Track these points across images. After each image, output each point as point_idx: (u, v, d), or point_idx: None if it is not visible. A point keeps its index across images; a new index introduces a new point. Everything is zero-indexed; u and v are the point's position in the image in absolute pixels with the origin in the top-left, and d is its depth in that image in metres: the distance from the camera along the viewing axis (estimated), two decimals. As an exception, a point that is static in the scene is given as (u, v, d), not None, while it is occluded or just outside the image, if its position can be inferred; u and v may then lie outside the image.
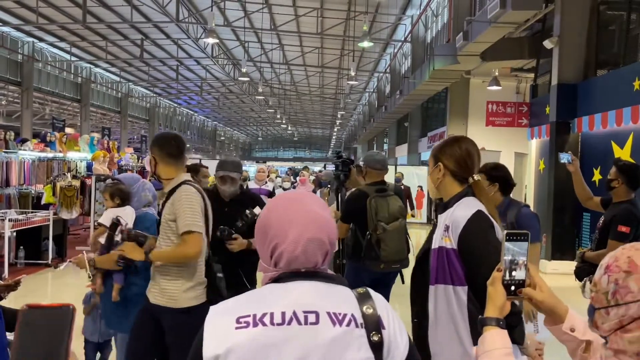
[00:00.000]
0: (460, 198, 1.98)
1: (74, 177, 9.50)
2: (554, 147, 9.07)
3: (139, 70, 26.49)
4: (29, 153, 9.74)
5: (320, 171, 28.47)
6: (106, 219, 3.25)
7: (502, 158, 11.54)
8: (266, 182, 9.60)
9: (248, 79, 22.49)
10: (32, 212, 8.64)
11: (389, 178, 11.95)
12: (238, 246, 3.39)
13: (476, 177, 1.99)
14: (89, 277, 3.27)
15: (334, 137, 55.07)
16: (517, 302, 1.46)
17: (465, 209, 1.91)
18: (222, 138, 54.80)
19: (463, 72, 13.35)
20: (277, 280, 1.13)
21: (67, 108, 27.08)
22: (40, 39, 20.53)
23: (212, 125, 49.84)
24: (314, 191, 9.45)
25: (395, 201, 3.97)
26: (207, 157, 52.23)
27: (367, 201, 3.87)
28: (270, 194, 8.07)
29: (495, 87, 12.56)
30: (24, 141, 10.05)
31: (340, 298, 1.11)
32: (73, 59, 22.50)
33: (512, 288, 1.26)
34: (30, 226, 7.86)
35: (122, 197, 3.33)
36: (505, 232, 1.26)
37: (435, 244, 1.96)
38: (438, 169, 2.04)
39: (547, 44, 9.28)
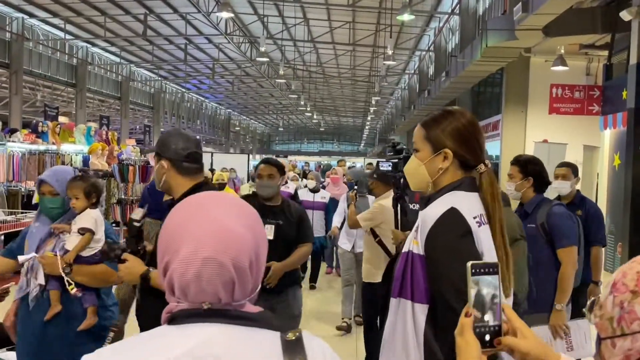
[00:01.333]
0: (449, 190, 1.82)
1: (69, 172, 9.70)
2: (632, 139, 8.87)
3: (142, 49, 26.90)
4: (19, 145, 10.00)
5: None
6: (87, 223, 2.99)
7: (569, 152, 11.34)
8: (286, 183, 9.43)
9: (267, 59, 22.59)
10: (22, 213, 8.86)
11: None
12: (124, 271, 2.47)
13: (486, 164, 1.86)
14: (70, 287, 2.94)
15: (367, 127, 54.98)
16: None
17: (439, 205, 1.76)
18: (237, 128, 55.27)
19: (522, 50, 13.15)
20: (171, 320, 0.98)
21: (61, 94, 27.69)
22: (31, 15, 21.03)
23: (225, 114, 50.32)
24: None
25: (510, 214, 3.29)
26: (220, 150, 52.85)
27: None
28: (293, 198, 8.01)
29: (560, 68, 12.35)
30: (12, 132, 10.31)
31: (258, 349, 0.96)
32: (68, 37, 22.98)
33: (487, 337, 1.11)
34: (19, 229, 8.07)
35: (98, 195, 3.08)
36: (470, 263, 1.12)
37: (405, 247, 1.83)
38: (442, 156, 1.85)
39: (625, 15, 9.07)
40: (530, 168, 3.67)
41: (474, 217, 1.75)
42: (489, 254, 1.74)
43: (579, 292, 3.88)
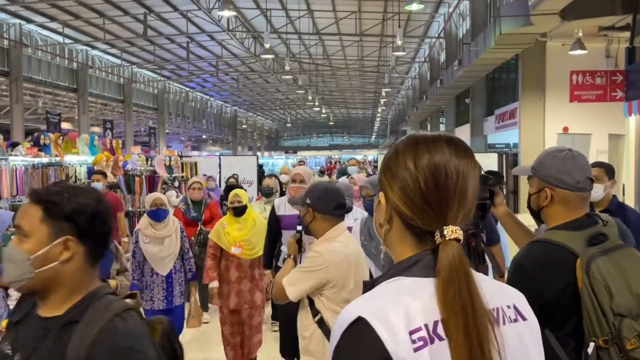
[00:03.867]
0: (394, 274, 1.20)
1: (74, 186, 9.63)
2: (660, 126, 8.66)
3: (143, 50, 26.86)
4: (21, 159, 9.95)
5: (363, 161, 27.74)
6: None
7: (593, 143, 11.12)
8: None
9: (272, 55, 22.46)
10: (27, 230, 8.78)
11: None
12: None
13: (450, 230, 1.16)
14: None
15: (377, 119, 54.75)
16: None
17: (357, 305, 1.15)
18: (244, 126, 55.22)
19: (538, 35, 12.93)
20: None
21: (63, 99, 27.74)
22: (28, 20, 21.03)
23: (231, 111, 50.28)
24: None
25: (636, 262, 2.15)
26: (228, 148, 52.87)
27: (580, 269, 2.08)
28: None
29: (579, 52, 12.12)
30: (14, 145, 10.25)
31: None
32: (67, 41, 22.98)
33: None
34: (25, 247, 7.99)
35: None
36: None
37: None
38: (381, 206, 1.27)
39: (647, -5, 8.83)
40: (612, 170, 3.72)
41: (413, 331, 1.08)
42: None
43: None
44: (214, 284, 5.28)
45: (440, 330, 1.08)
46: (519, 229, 2.73)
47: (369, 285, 1.22)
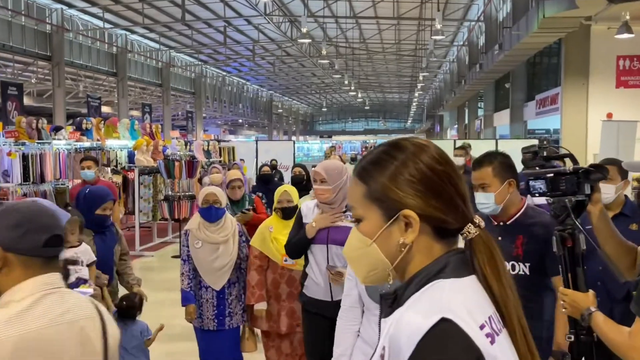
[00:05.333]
0: (426, 280, 1.11)
1: (114, 171, 9.83)
2: None
3: (181, 34, 27.08)
4: (64, 143, 10.17)
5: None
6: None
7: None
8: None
9: (309, 39, 22.39)
10: (68, 211, 9.00)
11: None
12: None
13: (476, 224, 1.15)
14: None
15: (414, 103, 54.25)
16: None
17: (417, 313, 1.05)
18: (280, 110, 55.35)
19: (582, 19, 12.59)
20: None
21: (103, 83, 28.20)
22: (70, 5, 21.38)
23: (267, 96, 50.41)
24: None
25: None
26: (263, 133, 53.14)
27: None
28: None
29: (625, 35, 11.77)
30: (57, 129, 10.48)
31: None
32: (107, 25, 23.30)
33: None
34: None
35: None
36: None
37: None
38: (402, 223, 1.14)
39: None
40: (624, 168, 3.31)
41: (482, 327, 1.05)
42: None
43: None
44: (262, 305, 4.09)
45: (494, 324, 1.09)
46: (613, 234, 2.49)
47: (389, 297, 1.14)
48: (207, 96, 36.25)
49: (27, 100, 24.17)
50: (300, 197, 5.06)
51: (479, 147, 12.34)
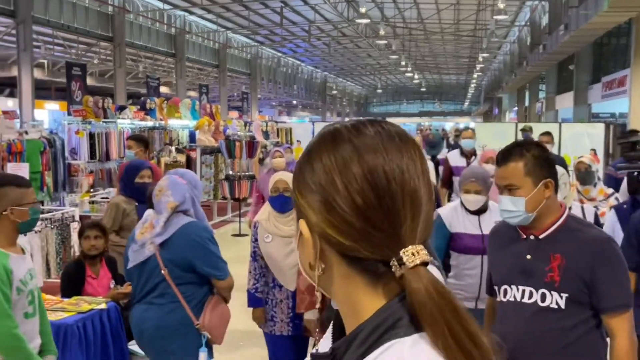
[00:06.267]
0: (375, 340, 0.80)
1: (178, 150, 10.08)
2: None
3: (238, 15, 27.30)
4: (129, 122, 10.49)
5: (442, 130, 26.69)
6: None
7: None
8: None
9: (367, 19, 22.20)
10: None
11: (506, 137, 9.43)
12: None
13: (410, 253, 0.81)
14: None
15: (472, 85, 53.23)
16: None
17: None
18: (334, 92, 55.29)
19: (656, -4, 12.08)
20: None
21: (162, 64, 28.77)
22: (131, -13, 21.85)
23: (321, 77, 50.41)
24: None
25: None
26: (316, 114, 53.26)
27: None
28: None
29: None
30: (122, 109, 10.81)
31: None
32: (166, 7, 23.70)
33: None
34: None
35: None
36: None
37: None
38: (304, 238, 0.87)
39: None
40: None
41: None
42: None
43: None
44: (312, 315, 3.49)
45: None
46: None
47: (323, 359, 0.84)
48: (262, 77, 36.53)
49: (89, 81, 24.92)
50: None
51: (541, 131, 12.03)
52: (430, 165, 6.10)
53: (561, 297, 2.14)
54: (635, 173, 3.05)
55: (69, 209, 6.71)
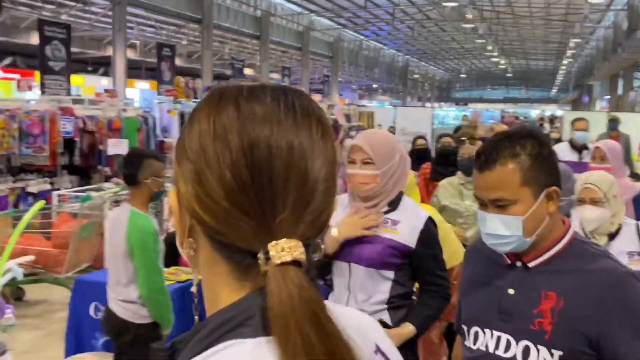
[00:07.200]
0: (216, 338, 0.70)
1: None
2: None
3: (323, -3, 27.46)
4: (217, 103, 10.89)
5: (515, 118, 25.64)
6: None
7: None
8: None
9: (455, 2, 21.81)
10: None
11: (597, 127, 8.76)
12: None
13: (279, 248, 0.68)
14: None
15: (561, 71, 51.21)
16: None
17: None
18: (416, 76, 54.64)
19: None
20: None
21: (246, 46, 29.39)
22: (219, -31, 22.40)
23: (403, 61, 49.93)
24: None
25: None
26: (396, 98, 52.85)
27: None
28: None
29: None
30: (209, 89, 11.24)
31: None
32: (253, -12, 24.16)
33: None
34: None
35: None
36: None
37: None
38: (173, 210, 0.79)
39: None
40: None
41: None
42: None
43: None
44: None
45: None
46: None
47: (161, 352, 0.75)
48: (343, 60, 36.60)
49: (177, 61, 25.84)
50: (446, 176, 4.56)
51: (635, 122, 11.55)
52: None
53: (552, 356, 1.49)
54: None
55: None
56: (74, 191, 7.08)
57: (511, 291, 1.58)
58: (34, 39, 17.79)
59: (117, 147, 7.04)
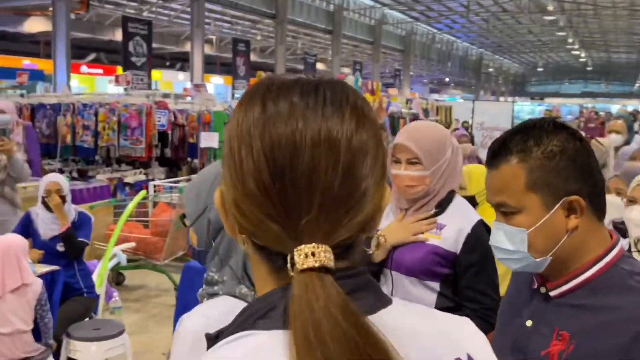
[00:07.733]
0: (241, 326, 0.71)
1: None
2: None
3: (396, -10, 27.37)
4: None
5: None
6: None
7: None
8: None
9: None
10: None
11: None
12: None
13: (303, 253, 0.65)
14: None
15: (645, 65, 49.06)
16: None
17: None
18: (490, 69, 53.55)
19: None
20: None
21: (319, 41, 29.65)
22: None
23: (476, 54, 49.05)
24: None
25: None
26: (468, 92, 51.99)
27: None
28: None
29: None
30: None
31: None
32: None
33: None
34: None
35: None
36: None
37: None
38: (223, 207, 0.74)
39: None
40: None
41: None
42: None
43: None
44: None
45: None
46: None
47: (211, 341, 0.74)
48: (415, 54, 36.34)
49: (251, 56, 26.41)
50: None
51: None
52: None
53: None
54: None
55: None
56: (168, 182, 7.42)
57: (529, 323, 1.28)
58: (117, 36, 18.63)
59: (209, 140, 7.35)
